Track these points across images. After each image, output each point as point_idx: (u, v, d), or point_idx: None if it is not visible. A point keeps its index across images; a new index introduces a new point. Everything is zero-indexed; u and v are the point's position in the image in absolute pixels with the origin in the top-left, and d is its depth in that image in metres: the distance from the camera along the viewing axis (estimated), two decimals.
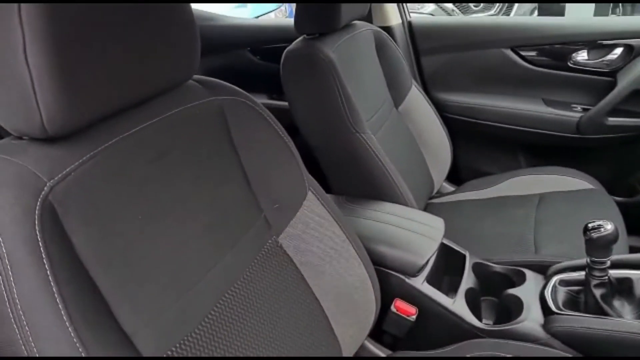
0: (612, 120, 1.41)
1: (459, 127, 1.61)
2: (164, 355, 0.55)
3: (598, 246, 0.82)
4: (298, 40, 1.15)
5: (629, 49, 1.37)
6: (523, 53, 1.50)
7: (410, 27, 1.62)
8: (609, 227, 0.81)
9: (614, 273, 0.87)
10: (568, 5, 3.18)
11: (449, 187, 1.61)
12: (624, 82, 1.37)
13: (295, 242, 0.77)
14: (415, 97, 1.49)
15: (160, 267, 0.56)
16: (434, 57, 1.62)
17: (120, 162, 0.55)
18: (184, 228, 0.62)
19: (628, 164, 1.49)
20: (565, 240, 1.15)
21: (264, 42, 1.83)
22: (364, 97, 1.20)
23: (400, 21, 1.59)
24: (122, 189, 0.54)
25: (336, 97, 1.07)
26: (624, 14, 3.53)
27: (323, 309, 0.79)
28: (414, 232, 0.98)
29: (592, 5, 3.06)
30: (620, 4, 3.51)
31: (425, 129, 1.48)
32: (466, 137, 1.64)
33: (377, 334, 0.97)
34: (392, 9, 1.58)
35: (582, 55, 1.44)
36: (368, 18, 1.47)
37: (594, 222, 0.83)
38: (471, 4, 3.87)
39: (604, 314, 0.85)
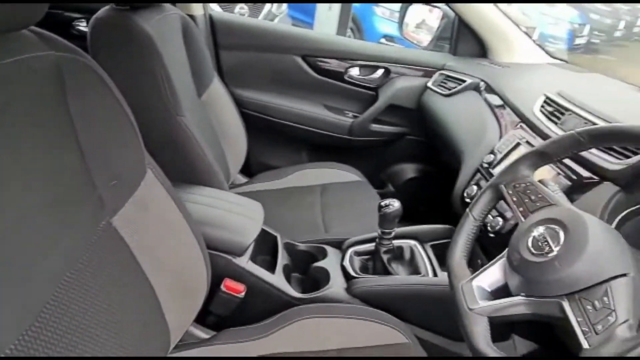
0: (375, 126, 1.77)
1: (252, 122, 1.71)
2: (2, 356, 0.45)
3: (388, 220, 1.04)
4: (106, 8, 1.04)
5: (387, 71, 1.74)
6: (311, 62, 1.72)
7: (211, 20, 1.64)
8: (396, 204, 1.03)
9: (395, 242, 1.11)
10: (316, 25, 3.73)
11: (242, 179, 1.70)
12: (383, 97, 1.73)
13: (131, 224, 0.72)
14: (217, 89, 1.52)
15: None
16: (233, 53, 1.68)
17: None
18: (24, 201, 0.51)
19: (382, 163, 1.88)
20: (348, 221, 1.38)
21: None
22: (178, 81, 1.17)
23: (202, 12, 1.59)
24: None
25: (157, 77, 1.02)
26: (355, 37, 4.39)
27: (156, 296, 0.76)
28: (239, 215, 1.03)
29: (334, 28, 3.66)
30: (351, 31, 4.34)
31: (224, 121, 1.52)
32: (259, 132, 1.76)
33: (199, 316, 0.97)
34: None
35: (355, 71, 1.75)
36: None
37: (385, 201, 1.05)
38: None
39: (389, 273, 1.08)
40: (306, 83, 1.74)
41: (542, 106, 1.12)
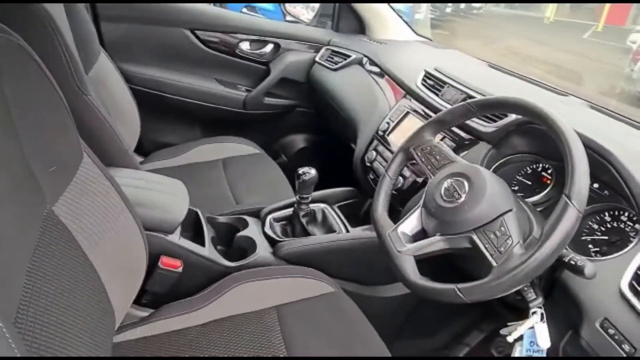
0: (268, 99, 1.84)
1: (142, 99, 1.64)
2: None
3: (306, 186, 1.15)
4: None
5: (277, 46, 1.81)
6: (201, 36, 1.70)
7: None
8: (312, 172, 1.14)
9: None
10: None
11: (138, 158, 1.63)
12: (275, 71, 1.80)
13: (73, 210, 0.71)
14: (105, 64, 1.43)
15: None
16: (116, 26, 1.58)
17: None
18: None
19: (275, 134, 1.97)
20: (256, 192, 1.45)
21: None
22: (74, 57, 1.09)
23: None
24: None
25: (59, 52, 0.95)
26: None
27: (100, 279, 0.76)
28: (167, 194, 1.03)
29: None
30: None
31: (116, 99, 1.44)
32: (150, 109, 1.70)
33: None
34: None
35: (245, 46, 1.78)
36: None
37: (302, 169, 1.15)
38: None
39: (308, 234, 1.20)
40: (197, 57, 1.72)
41: (424, 80, 1.32)
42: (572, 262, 0.69)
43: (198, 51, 1.71)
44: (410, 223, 0.86)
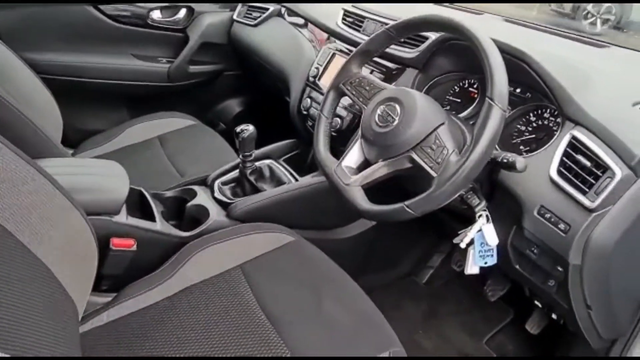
0: (193, 68, 1.77)
1: (56, 88, 1.54)
2: None
3: (247, 143, 1.13)
4: None
5: (190, 9, 1.72)
6: (106, 10, 1.58)
7: None
8: (250, 128, 1.13)
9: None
10: None
11: (67, 151, 1.54)
12: (194, 37, 1.73)
13: (6, 210, 0.67)
14: (4, 55, 1.31)
15: None
16: (7, 11, 1.44)
17: None
18: None
19: (208, 103, 1.91)
20: (200, 163, 1.42)
21: None
22: None
23: None
24: None
25: None
26: None
27: (52, 272, 0.73)
28: (103, 175, 0.99)
29: None
30: None
31: (27, 93, 1.34)
32: (67, 98, 1.59)
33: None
34: None
35: (156, 14, 1.68)
36: None
37: (240, 126, 1.13)
38: None
39: (259, 191, 1.19)
40: (107, 34, 1.61)
41: (344, 18, 1.32)
42: (505, 160, 0.74)
43: (106, 27, 1.60)
44: (353, 156, 0.88)
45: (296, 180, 1.23)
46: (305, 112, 1.31)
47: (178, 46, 1.74)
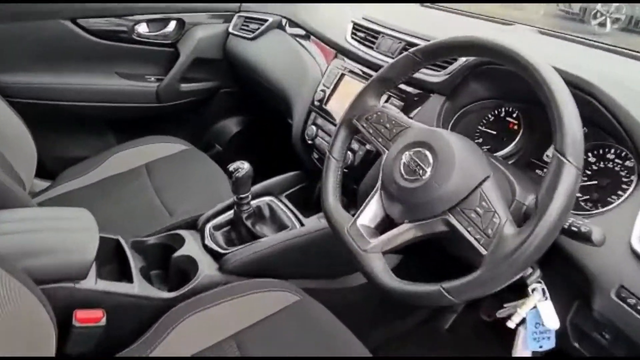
0: (184, 86, 1.60)
1: (30, 113, 1.37)
2: None
3: (242, 184, 0.96)
4: None
5: (180, 22, 1.55)
6: (86, 25, 1.42)
7: None
8: (245, 166, 0.96)
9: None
10: None
11: (43, 184, 1.38)
12: (185, 52, 1.56)
13: None
14: None
15: None
16: None
17: None
18: None
19: (202, 124, 1.74)
20: (190, 196, 1.25)
21: None
22: None
23: None
24: None
25: None
26: None
27: None
28: (66, 231, 0.82)
29: None
30: None
31: None
32: (43, 123, 1.43)
33: None
34: None
35: (143, 28, 1.51)
36: None
37: (233, 165, 0.96)
38: None
39: (257, 237, 1.02)
40: (87, 52, 1.44)
41: (353, 33, 1.15)
42: (574, 229, 0.56)
43: (86, 44, 1.43)
44: (370, 212, 0.71)
45: (301, 222, 1.06)
46: (310, 142, 1.13)
47: (168, 63, 1.57)
